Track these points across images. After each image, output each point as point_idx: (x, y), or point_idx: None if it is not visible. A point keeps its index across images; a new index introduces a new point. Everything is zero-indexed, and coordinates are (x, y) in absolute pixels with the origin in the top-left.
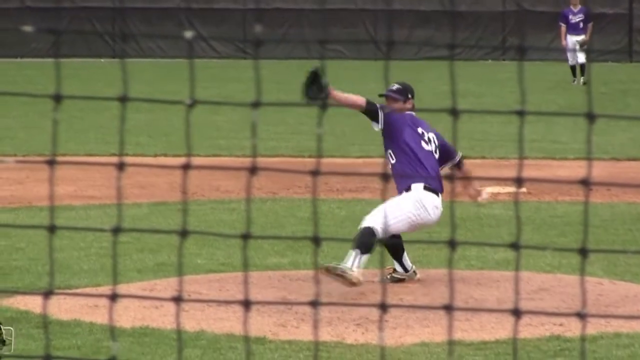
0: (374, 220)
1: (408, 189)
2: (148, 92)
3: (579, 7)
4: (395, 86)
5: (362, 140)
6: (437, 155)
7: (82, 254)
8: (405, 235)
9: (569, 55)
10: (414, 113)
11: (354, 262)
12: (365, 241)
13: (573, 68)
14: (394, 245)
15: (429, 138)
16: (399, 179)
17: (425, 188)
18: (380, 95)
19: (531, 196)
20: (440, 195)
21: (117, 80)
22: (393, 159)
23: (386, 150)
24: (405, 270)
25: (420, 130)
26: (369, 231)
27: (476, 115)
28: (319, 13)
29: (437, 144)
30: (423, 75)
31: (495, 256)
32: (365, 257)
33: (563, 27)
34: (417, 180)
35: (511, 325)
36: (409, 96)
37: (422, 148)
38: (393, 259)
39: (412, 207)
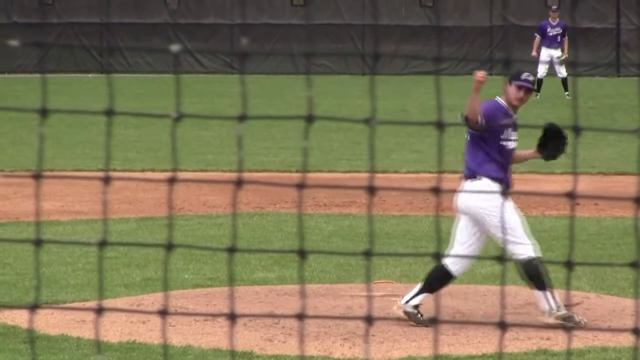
0: (519, 248)
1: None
2: (136, 107)
3: (557, 20)
4: (532, 77)
5: (349, 155)
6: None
7: (70, 269)
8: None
9: (540, 67)
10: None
11: (550, 305)
12: (542, 278)
13: (540, 81)
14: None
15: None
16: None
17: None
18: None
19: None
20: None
21: (104, 95)
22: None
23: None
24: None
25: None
26: (531, 265)
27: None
28: (307, 28)
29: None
30: (411, 90)
31: (482, 270)
32: (551, 291)
33: (538, 38)
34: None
35: (498, 340)
36: None
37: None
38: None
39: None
